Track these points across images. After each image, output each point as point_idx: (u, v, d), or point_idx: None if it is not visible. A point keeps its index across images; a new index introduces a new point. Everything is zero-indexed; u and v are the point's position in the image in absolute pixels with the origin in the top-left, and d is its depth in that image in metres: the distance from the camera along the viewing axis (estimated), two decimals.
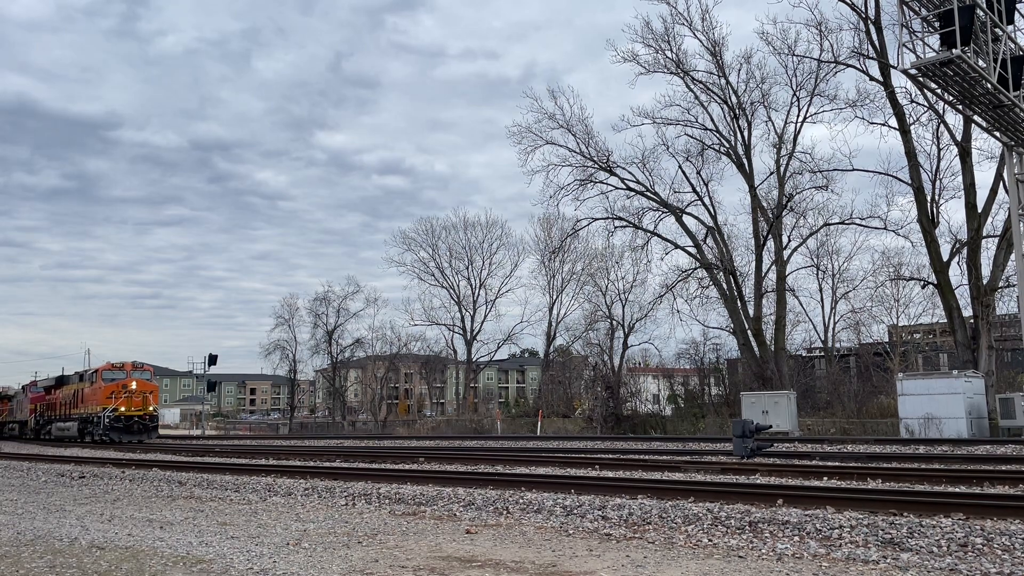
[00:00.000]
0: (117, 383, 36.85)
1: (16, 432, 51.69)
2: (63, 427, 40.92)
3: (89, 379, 39.10)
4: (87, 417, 37.91)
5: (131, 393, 36.57)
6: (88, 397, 38.19)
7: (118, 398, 36.36)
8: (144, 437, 36.19)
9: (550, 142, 39.73)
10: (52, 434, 43.03)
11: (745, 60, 36.86)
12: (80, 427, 38.48)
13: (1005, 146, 21.20)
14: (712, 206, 39.06)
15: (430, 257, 61.89)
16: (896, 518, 8.01)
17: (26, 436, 48.66)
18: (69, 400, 41.18)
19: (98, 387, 37.28)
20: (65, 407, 41.77)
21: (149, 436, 36.66)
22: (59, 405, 42.89)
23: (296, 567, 6.68)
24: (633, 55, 37.32)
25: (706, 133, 38.03)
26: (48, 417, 44.66)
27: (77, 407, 39.60)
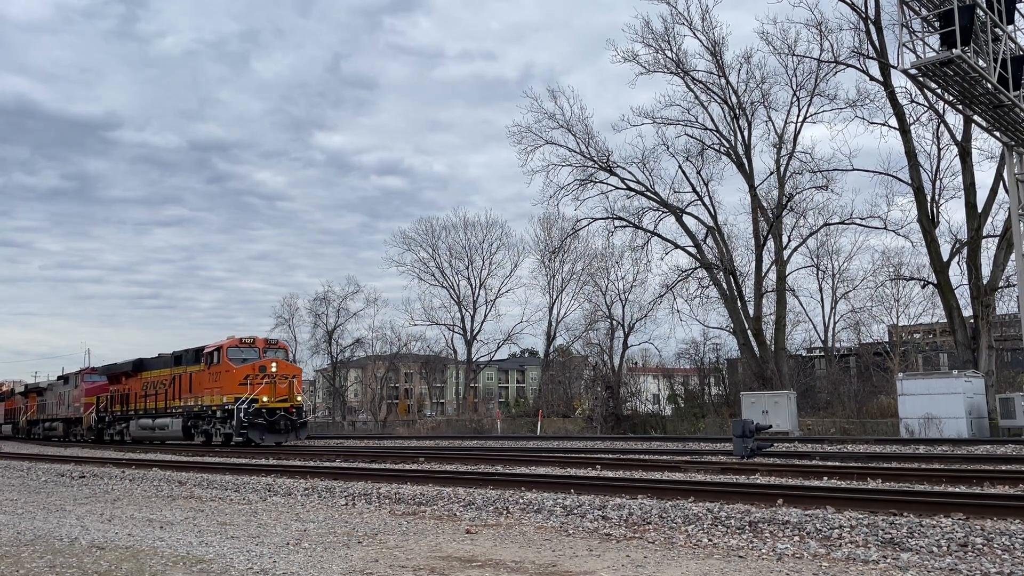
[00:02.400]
0: (251, 365, 27.98)
1: (59, 432, 42.26)
2: (153, 425, 32.70)
3: (206, 360, 29.68)
4: (201, 411, 29.45)
5: (273, 378, 27.76)
6: (203, 384, 29.47)
7: (255, 384, 27.39)
8: (291, 437, 27.73)
9: (550, 142, 39.76)
10: (131, 434, 34.50)
11: (745, 60, 36.90)
12: (188, 424, 30.32)
13: (1005, 146, 21.20)
14: (712, 206, 39.10)
15: (430, 257, 61.87)
16: (896, 518, 8.01)
17: (77, 438, 39.67)
18: (161, 389, 32.55)
19: (222, 370, 28.50)
20: (154, 398, 33.03)
21: (298, 435, 27.98)
22: (139, 396, 34.18)
23: (296, 567, 6.68)
24: (633, 55, 37.35)
25: (706, 133, 38.07)
26: (122, 412, 35.80)
27: (178, 398, 31.14)
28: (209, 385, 29.17)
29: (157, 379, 33.30)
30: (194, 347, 31.42)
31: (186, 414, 30.39)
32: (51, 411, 44.69)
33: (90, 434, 38.67)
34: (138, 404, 34.43)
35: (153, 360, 34.62)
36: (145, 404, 33.87)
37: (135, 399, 34.77)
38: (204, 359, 29.77)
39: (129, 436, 35.00)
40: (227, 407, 27.70)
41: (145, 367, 34.73)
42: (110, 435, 36.97)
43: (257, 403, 27.15)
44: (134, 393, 34.90)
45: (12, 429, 52.65)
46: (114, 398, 37.04)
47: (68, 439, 41.16)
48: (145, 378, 34.29)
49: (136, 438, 34.49)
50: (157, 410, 32.70)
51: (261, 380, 27.69)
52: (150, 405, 33.42)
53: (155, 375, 33.62)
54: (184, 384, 30.87)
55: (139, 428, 33.97)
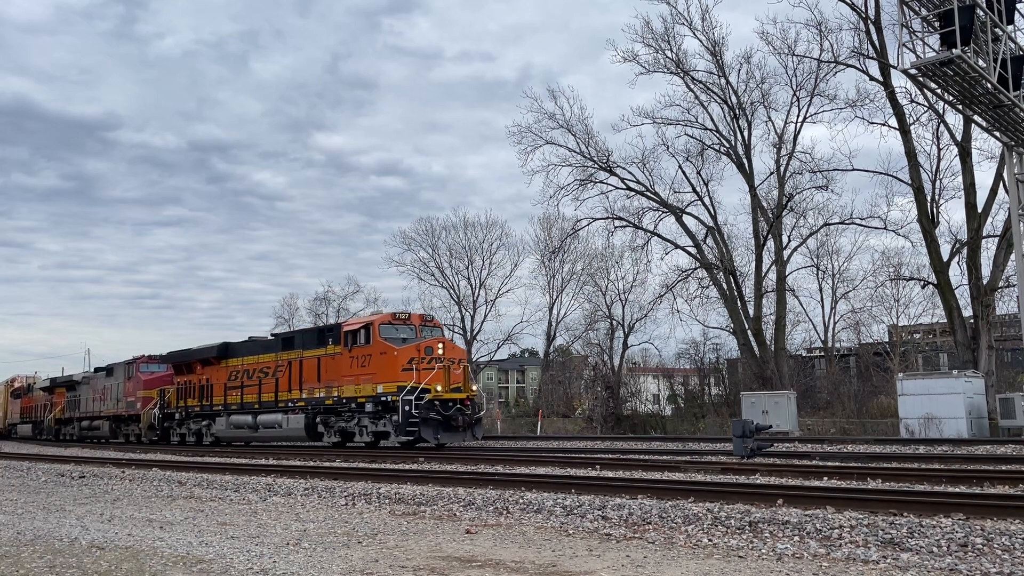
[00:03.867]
0: (414, 346, 22.34)
1: (104, 432, 36.99)
2: (255, 423, 26.98)
3: (346, 340, 23.54)
4: (337, 404, 23.64)
5: (444, 362, 22.29)
6: (341, 370, 23.63)
7: (422, 369, 21.75)
8: (468, 436, 22.41)
9: (550, 142, 39.74)
10: (217, 433, 29.15)
11: (745, 60, 36.90)
12: (316, 420, 24.57)
13: (1005, 146, 21.19)
14: (712, 206, 39.10)
15: (430, 257, 61.74)
16: (896, 518, 8.01)
17: (131, 438, 34.76)
18: (263, 379, 26.88)
19: (374, 352, 22.59)
20: (255, 389, 27.15)
21: (475, 434, 22.68)
22: (226, 388, 28.62)
23: (296, 567, 6.68)
24: (633, 55, 37.35)
25: (706, 133, 38.06)
26: (200, 407, 30.02)
27: (297, 387, 25.24)
28: (351, 371, 23.29)
29: (255, 366, 27.62)
30: (315, 326, 28.16)
31: (311, 408, 24.66)
32: (88, 408, 39.05)
33: (151, 433, 33.49)
34: (228, 397, 28.53)
35: (245, 344, 29.23)
36: (242, 397, 27.80)
37: (220, 391, 29.04)
38: (344, 339, 23.77)
39: (211, 436, 29.79)
40: (384, 398, 22.05)
41: (233, 352, 29.23)
42: (180, 435, 31.78)
43: (429, 393, 21.49)
44: (218, 384, 29.18)
45: (33, 429, 47.04)
46: (185, 390, 31.31)
47: (116, 440, 36.22)
48: (234, 366, 28.70)
49: (224, 438, 29.41)
50: (262, 404, 26.76)
51: (429, 364, 21.98)
52: (248, 398, 27.45)
53: (251, 362, 27.99)
54: (308, 371, 25.04)
55: (229, 426, 28.61)
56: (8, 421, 52.81)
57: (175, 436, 32.32)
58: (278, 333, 29.39)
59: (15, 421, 51.18)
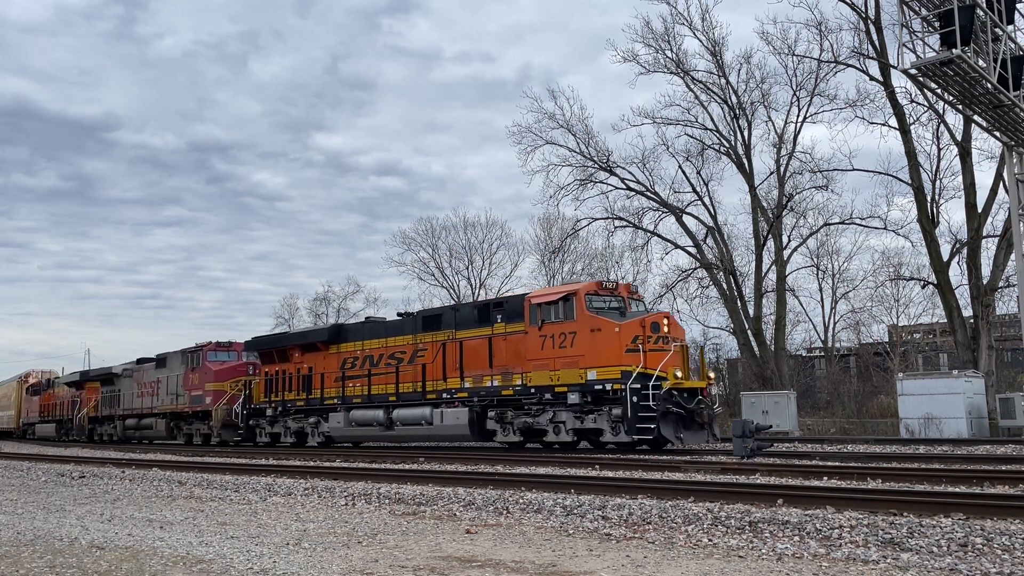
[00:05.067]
0: (636, 321, 18.24)
1: (159, 432, 33.06)
2: (392, 418, 23.01)
3: (534, 314, 19.30)
4: (521, 394, 19.60)
5: (676, 344, 18.51)
6: (526, 352, 19.47)
7: (651, 351, 17.80)
8: (708, 435, 18.31)
9: (550, 142, 39.68)
10: (330, 431, 25.27)
11: (745, 60, 36.85)
12: (488, 414, 20.69)
13: (1005, 146, 21.19)
14: (712, 206, 39.05)
15: (430, 257, 61.72)
16: (896, 518, 8.01)
17: (198, 439, 31.14)
18: (397, 366, 23.00)
19: (579, 329, 18.47)
20: (383, 379, 23.32)
21: (713, 432, 18.46)
22: (338, 378, 24.72)
23: (296, 567, 6.68)
24: (633, 55, 37.30)
25: (706, 133, 38.02)
26: (305, 401, 25.92)
27: (454, 375, 21.41)
28: (542, 354, 19.09)
29: (382, 351, 23.74)
30: (474, 301, 23.91)
31: (478, 400, 20.71)
32: (132, 404, 34.89)
33: (229, 434, 29.34)
34: (347, 388, 24.55)
35: (365, 326, 25.61)
36: (369, 388, 23.80)
37: (331, 381, 25.15)
38: (531, 314, 19.36)
39: (320, 435, 25.68)
40: (598, 387, 18.04)
41: (348, 335, 25.36)
42: (271, 434, 27.55)
43: (666, 380, 17.55)
44: (328, 373, 25.26)
45: (58, 429, 42.64)
46: (278, 382, 27.23)
47: (175, 441, 32.37)
48: (350, 351, 24.84)
49: (341, 438, 25.40)
50: (400, 396, 22.83)
51: (657, 344, 17.89)
52: (378, 389, 23.58)
53: (376, 346, 24.04)
54: (471, 355, 20.95)
55: (348, 423, 24.36)
56: (24, 420, 49.07)
57: (264, 435, 27.88)
58: (405, 313, 24.46)
59: (33, 420, 47.03)
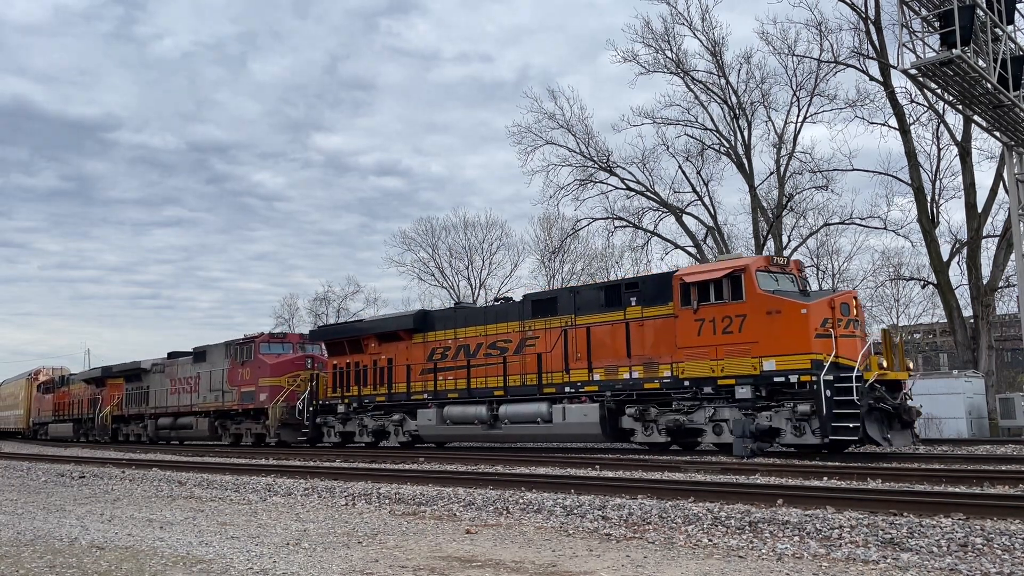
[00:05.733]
0: (825, 301, 15.79)
1: (200, 431, 30.20)
2: (498, 414, 20.58)
3: (692, 295, 16.76)
4: (670, 387, 17.35)
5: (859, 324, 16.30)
6: (677, 336, 17.06)
7: (843, 337, 15.50)
8: (913, 438, 15.95)
9: (550, 142, 39.68)
10: (420, 431, 22.55)
11: (745, 60, 36.83)
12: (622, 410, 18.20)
13: (1005, 146, 21.19)
14: (712, 206, 39.07)
15: (430, 257, 61.72)
16: (896, 518, 8.01)
17: (249, 440, 28.14)
18: (509, 355, 20.55)
19: (756, 310, 16.02)
20: (487, 371, 20.94)
21: (915, 434, 16.19)
22: (436, 369, 22.16)
23: (296, 567, 6.68)
24: (633, 55, 37.30)
25: (706, 133, 38.02)
26: (390, 397, 23.44)
27: (582, 365, 18.92)
28: (700, 340, 16.63)
29: (481, 340, 21.39)
30: (600, 282, 21.93)
31: (611, 394, 18.31)
32: (165, 401, 32.22)
33: (291, 434, 26.49)
34: (440, 382, 22.11)
35: (457, 312, 23.06)
36: (469, 381, 21.37)
37: (417, 374, 22.79)
38: (681, 294, 16.87)
39: (406, 434, 23.14)
40: (778, 378, 15.74)
41: (436, 323, 22.91)
42: (343, 433, 25.01)
43: (870, 371, 14.94)
44: (415, 365, 22.89)
45: (75, 428, 39.83)
46: (349, 375, 24.78)
47: (219, 442, 29.61)
48: (439, 341, 22.50)
49: (432, 438, 22.76)
50: (509, 390, 20.46)
51: (848, 330, 15.57)
52: (480, 383, 21.14)
53: (474, 334, 21.64)
54: (601, 343, 18.66)
55: (442, 421, 21.86)
56: (35, 420, 46.32)
57: (333, 435, 25.26)
58: (504, 297, 22.50)
59: (45, 420, 44.32)
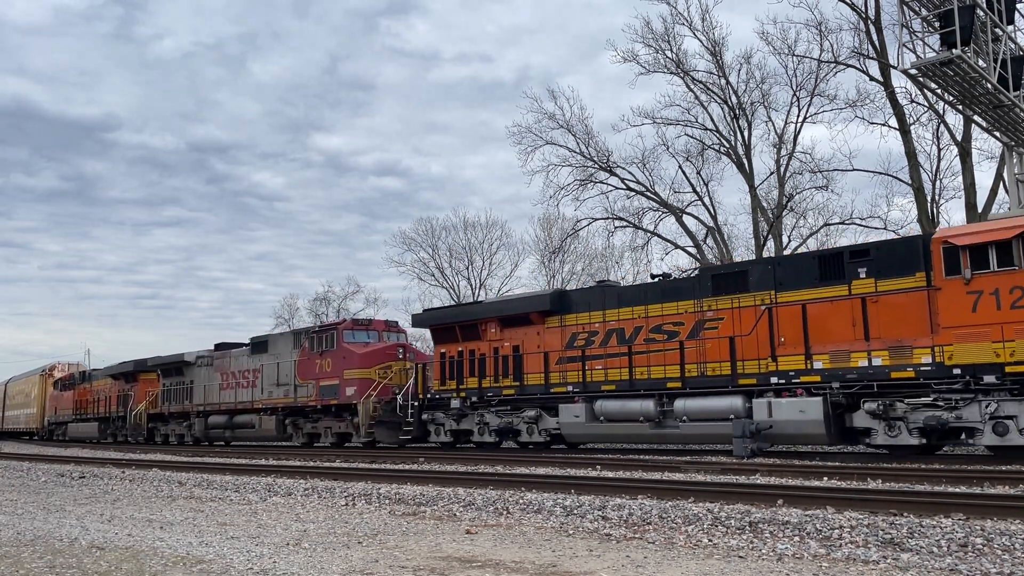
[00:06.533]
0: None
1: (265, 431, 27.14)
2: (662, 412, 17.81)
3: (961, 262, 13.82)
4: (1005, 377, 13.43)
5: None
6: (910, 314, 14.63)
7: None
8: None
9: (550, 142, 39.71)
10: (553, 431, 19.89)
11: (745, 60, 36.87)
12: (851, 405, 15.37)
13: (1005, 146, 21.18)
14: (712, 206, 39.12)
15: (430, 257, 61.73)
16: (896, 518, 8.01)
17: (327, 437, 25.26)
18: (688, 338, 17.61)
19: None
20: (662, 357, 18.00)
21: None
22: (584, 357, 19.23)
23: (296, 567, 6.68)
24: (633, 55, 37.35)
25: (706, 133, 38.06)
26: (520, 391, 20.46)
27: (775, 352, 16.29)
28: (973, 319, 13.79)
29: (638, 323, 18.67)
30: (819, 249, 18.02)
31: (840, 385, 15.39)
32: (216, 398, 29.38)
33: (387, 433, 23.32)
34: (589, 373, 19.22)
35: (602, 291, 19.91)
36: (631, 370, 18.50)
37: (554, 362, 20.04)
38: (946, 262, 14.03)
39: (543, 433, 20.15)
40: None
41: (574, 304, 20.08)
42: (456, 432, 22.10)
43: None
44: (550, 353, 20.15)
45: (100, 429, 37.13)
46: (462, 364, 22.01)
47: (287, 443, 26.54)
48: (579, 324, 19.79)
49: (583, 437, 19.76)
50: (686, 381, 17.65)
51: None
52: (641, 372, 18.38)
53: (628, 316, 18.83)
54: (816, 323, 15.83)
55: (594, 418, 19.01)
56: (50, 419, 43.47)
57: (443, 434, 22.36)
58: (662, 274, 19.39)
59: (63, 419, 41.41)
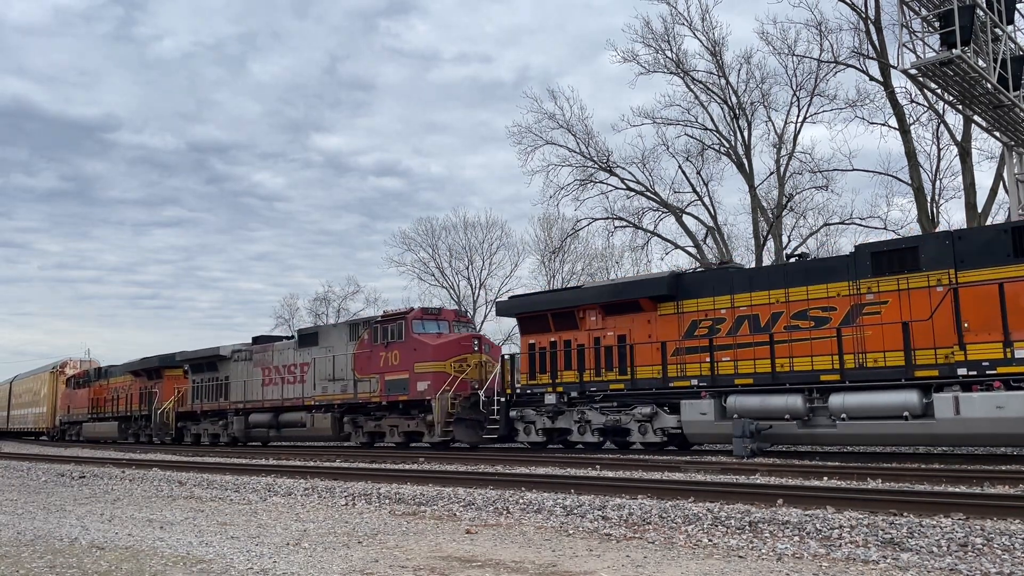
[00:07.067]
0: None
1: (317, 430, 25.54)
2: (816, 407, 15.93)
3: None
4: None
5: None
6: None
7: None
8: None
9: (550, 142, 39.70)
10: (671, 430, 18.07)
11: (745, 60, 36.86)
12: None
13: (1005, 146, 21.18)
14: (712, 206, 39.12)
15: (430, 257, 61.71)
16: (896, 518, 8.01)
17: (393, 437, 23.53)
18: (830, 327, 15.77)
19: None
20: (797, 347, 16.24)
21: None
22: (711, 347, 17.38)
23: (296, 567, 6.68)
24: (633, 55, 37.34)
25: (706, 133, 38.06)
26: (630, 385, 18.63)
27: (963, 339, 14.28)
28: None
29: (776, 308, 16.75)
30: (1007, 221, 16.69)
31: None
32: (258, 395, 27.76)
33: (468, 432, 21.83)
34: (718, 364, 17.34)
35: (728, 275, 17.99)
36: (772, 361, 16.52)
37: (672, 352, 18.14)
38: None
39: (659, 432, 18.22)
40: None
41: (691, 288, 18.23)
42: (545, 430, 20.43)
43: None
44: (668, 343, 18.23)
45: (122, 428, 35.74)
46: (557, 357, 20.25)
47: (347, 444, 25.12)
48: (701, 310, 17.93)
49: (711, 437, 17.67)
50: (855, 372, 15.57)
51: None
52: (783, 364, 16.47)
53: (760, 300, 17.02)
54: (1015, 304, 14.01)
55: (725, 416, 16.92)
56: (63, 418, 41.98)
57: (534, 432, 20.58)
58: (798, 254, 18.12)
59: (78, 417, 39.80)
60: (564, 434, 20.44)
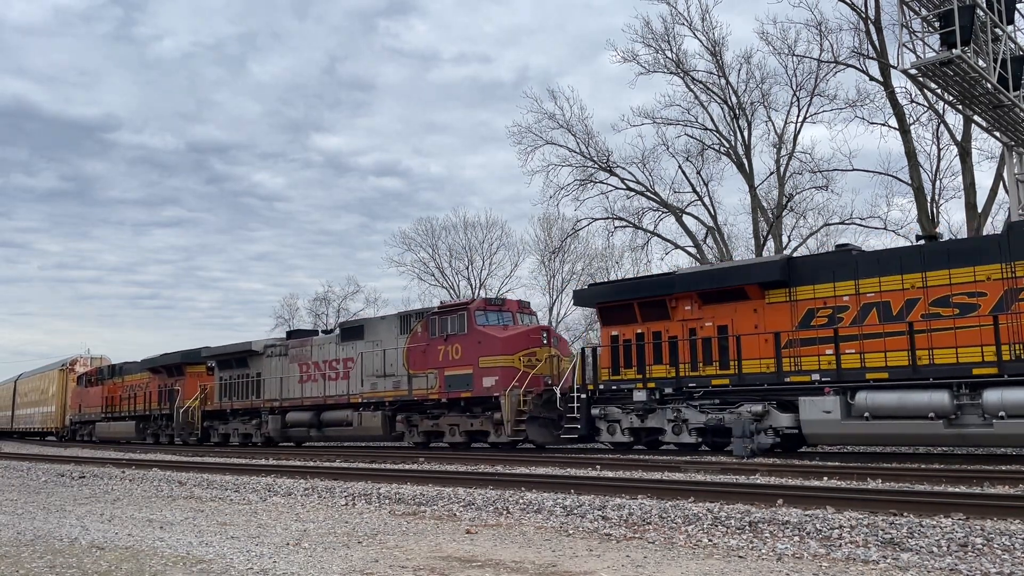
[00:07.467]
0: None
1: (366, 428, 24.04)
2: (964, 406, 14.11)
3: None
4: None
5: None
6: None
7: None
8: None
9: (550, 142, 39.71)
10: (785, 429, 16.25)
11: (745, 60, 36.87)
12: None
13: (1005, 146, 21.17)
14: (712, 206, 39.12)
15: (430, 257, 61.71)
16: (896, 518, 8.01)
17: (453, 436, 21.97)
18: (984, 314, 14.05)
19: None
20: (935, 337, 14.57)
21: None
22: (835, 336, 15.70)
23: (296, 567, 6.68)
24: (633, 55, 37.35)
25: (706, 133, 38.06)
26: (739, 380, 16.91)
27: None
28: None
29: (911, 294, 15.25)
30: None
31: None
32: (296, 392, 26.30)
33: (542, 431, 20.36)
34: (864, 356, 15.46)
35: (848, 257, 16.31)
36: (912, 353, 14.90)
37: (787, 342, 16.50)
38: None
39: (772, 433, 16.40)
40: None
41: (807, 274, 16.65)
42: (631, 430, 18.73)
43: None
44: (783, 334, 16.60)
45: (140, 427, 34.17)
46: (643, 349, 18.62)
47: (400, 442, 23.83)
48: (817, 297, 16.34)
49: (846, 438, 16.21)
50: (1012, 364, 13.91)
51: None
52: (922, 357, 14.83)
53: (891, 285, 15.49)
54: None
55: (854, 415, 15.33)
56: (74, 418, 40.35)
57: (618, 432, 18.90)
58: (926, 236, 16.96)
59: (91, 417, 38.23)
60: (654, 434, 18.68)
